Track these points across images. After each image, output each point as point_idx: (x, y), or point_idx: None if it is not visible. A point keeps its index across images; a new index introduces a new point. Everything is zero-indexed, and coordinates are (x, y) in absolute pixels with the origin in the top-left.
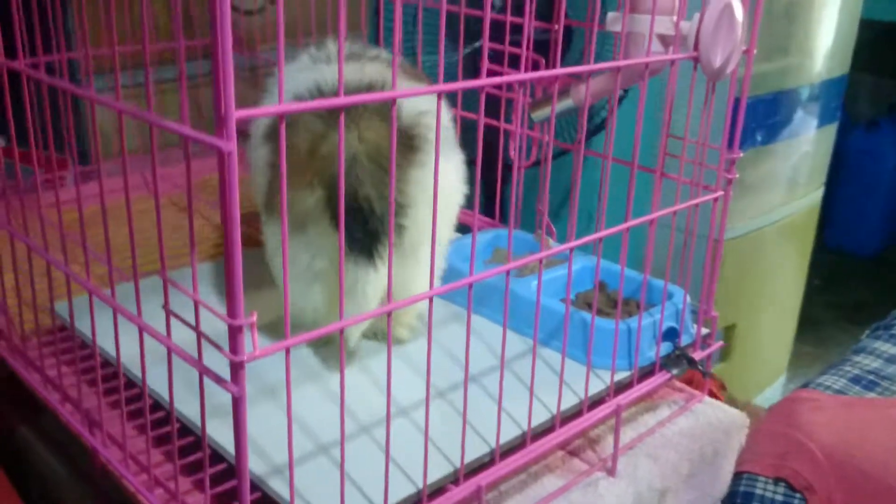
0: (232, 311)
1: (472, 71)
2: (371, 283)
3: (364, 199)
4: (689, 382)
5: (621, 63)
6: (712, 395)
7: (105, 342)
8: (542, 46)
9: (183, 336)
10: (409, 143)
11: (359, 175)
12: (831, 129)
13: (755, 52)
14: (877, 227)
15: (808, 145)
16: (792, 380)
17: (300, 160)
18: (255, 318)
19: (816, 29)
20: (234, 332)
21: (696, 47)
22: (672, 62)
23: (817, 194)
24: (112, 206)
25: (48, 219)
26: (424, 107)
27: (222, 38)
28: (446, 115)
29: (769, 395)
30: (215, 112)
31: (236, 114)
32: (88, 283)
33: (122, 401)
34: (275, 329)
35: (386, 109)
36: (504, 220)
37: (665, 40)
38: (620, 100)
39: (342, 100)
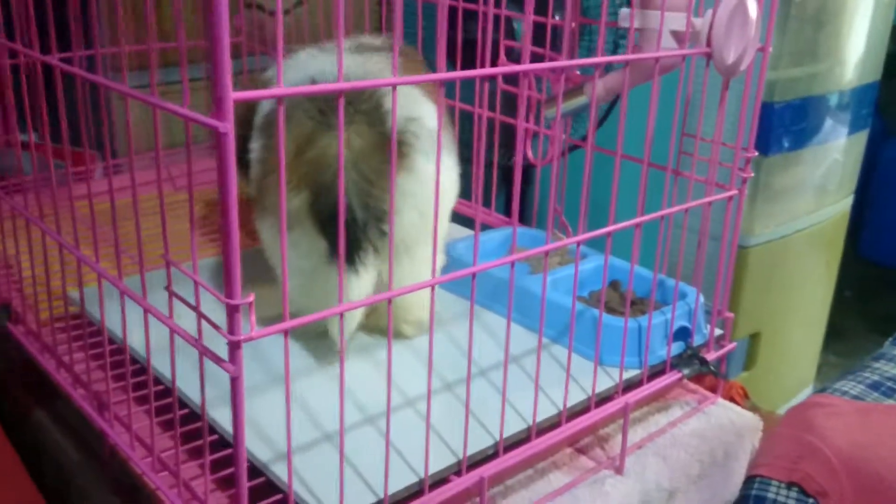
0: (229, 292)
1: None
2: (354, 288)
3: (346, 207)
4: (713, 389)
5: (631, 56)
6: (733, 402)
7: (116, 327)
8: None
9: (192, 324)
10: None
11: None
12: (862, 137)
13: (777, 54)
14: None
15: (838, 152)
16: (819, 390)
17: (287, 161)
18: (252, 298)
19: (847, 35)
20: (231, 312)
21: (708, 43)
22: (684, 57)
23: (846, 202)
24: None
25: (75, 211)
26: (414, 114)
27: (218, 21)
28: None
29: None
30: (212, 93)
31: (233, 95)
32: (97, 265)
33: (128, 384)
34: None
35: (375, 115)
36: (520, 218)
37: (678, 37)
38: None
39: (341, 85)
